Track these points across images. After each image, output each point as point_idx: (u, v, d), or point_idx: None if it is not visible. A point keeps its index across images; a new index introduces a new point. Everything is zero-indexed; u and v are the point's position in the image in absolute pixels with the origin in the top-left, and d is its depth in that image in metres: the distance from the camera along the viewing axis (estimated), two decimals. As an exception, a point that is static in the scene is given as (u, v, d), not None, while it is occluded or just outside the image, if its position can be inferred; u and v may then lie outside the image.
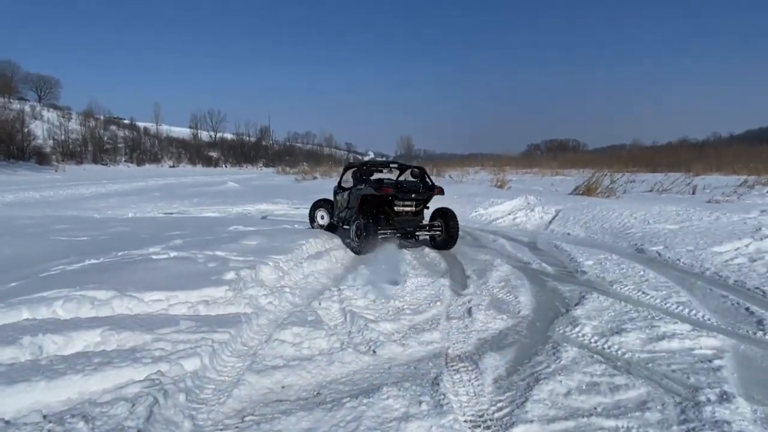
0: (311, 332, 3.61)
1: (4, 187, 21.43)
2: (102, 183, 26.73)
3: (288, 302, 4.41)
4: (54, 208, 13.01)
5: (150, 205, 14.33)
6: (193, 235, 7.57)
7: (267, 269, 5.13)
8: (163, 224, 9.69)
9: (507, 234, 8.78)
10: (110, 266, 4.95)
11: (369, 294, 4.65)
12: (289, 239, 6.89)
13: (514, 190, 14.90)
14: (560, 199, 11.54)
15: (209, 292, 4.18)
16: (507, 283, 5.06)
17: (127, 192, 20.59)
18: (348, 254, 6.82)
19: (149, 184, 27.95)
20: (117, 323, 3.43)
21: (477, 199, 13.01)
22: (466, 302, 4.45)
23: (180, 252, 5.75)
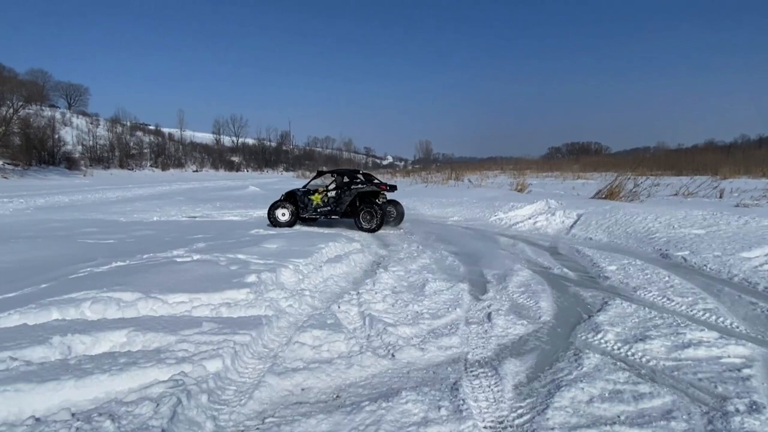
0: (330, 335, 3.63)
1: (36, 192, 22.18)
2: (128, 187, 27.41)
3: (307, 305, 4.46)
4: (82, 212, 13.39)
5: (174, 208, 14.62)
6: (216, 238, 7.71)
7: (287, 272, 5.19)
8: (187, 228, 9.88)
9: (527, 238, 8.68)
10: (136, 269, 5.08)
11: (388, 298, 4.66)
12: (308, 243, 6.95)
13: (535, 194, 14.72)
14: (582, 202, 11.35)
15: (231, 295, 4.25)
16: (527, 288, 5.00)
17: (152, 196, 21.06)
18: (366, 258, 6.84)
19: (173, 188, 28.53)
20: (142, 324, 3.51)
21: (496, 203, 12.90)
22: (486, 307, 4.42)
23: (203, 255, 5.87)
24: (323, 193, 10.72)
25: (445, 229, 10.16)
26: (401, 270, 5.92)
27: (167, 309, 3.93)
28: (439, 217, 12.68)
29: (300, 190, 10.92)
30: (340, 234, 8.51)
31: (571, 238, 8.67)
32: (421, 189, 20.92)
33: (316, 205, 10.73)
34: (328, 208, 10.67)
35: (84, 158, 55.52)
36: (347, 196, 10.51)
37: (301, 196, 10.81)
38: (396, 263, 6.31)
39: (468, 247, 7.80)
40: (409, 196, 17.59)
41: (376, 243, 8.48)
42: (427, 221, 11.75)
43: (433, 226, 10.82)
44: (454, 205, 14.01)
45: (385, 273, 5.62)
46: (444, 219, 12.09)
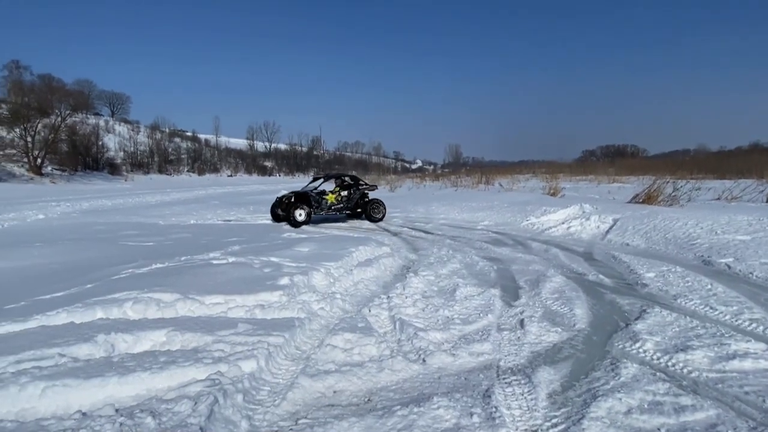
0: (361, 339, 3.65)
1: (81, 196, 23.24)
2: (166, 192, 28.35)
3: (339, 308, 4.50)
4: (123, 215, 13.93)
5: (210, 212, 15.02)
6: (250, 241, 7.87)
7: (319, 275, 5.25)
8: (222, 231, 10.13)
9: (561, 244, 8.50)
10: (174, 270, 5.24)
11: (418, 302, 4.65)
12: (339, 246, 7.02)
13: (568, 198, 14.39)
14: (618, 207, 11.03)
15: (265, 297, 4.34)
16: (561, 295, 4.90)
17: (189, 200, 21.69)
18: (396, 262, 6.85)
19: (209, 192, 29.32)
20: (181, 324, 3.62)
21: (528, 207, 12.69)
22: (518, 313, 4.36)
23: (237, 257, 6.01)
24: (337, 193, 12.69)
25: (475, 234, 10.06)
26: (431, 274, 5.90)
27: (204, 310, 4.04)
28: (470, 221, 12.57)
29: (313, 193, 12.43)
30: (369, 238, 8.54)
31: (607, 243, 8.44)
32: (451, 193, 20.78)
33: (330, 203, 12.53)
34: (341, 205, 12.68)
35: (125, 164, 57.87)
36: (356, 195, 12.93)
37: (315, 196, 12.30)
38: (426, 268, 6.30)
39: (499, 252, 7.71)
40: (438, 200, 17.52)
41: (406, 247, 8.47)
42: (457, 226, 11.67)
43: (463, 230, 10.73)
44: (485, 210, 13.86)
45: (416, 277, 5.61)
46: (474, 224, 11.98)
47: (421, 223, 12.43)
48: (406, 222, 12.88)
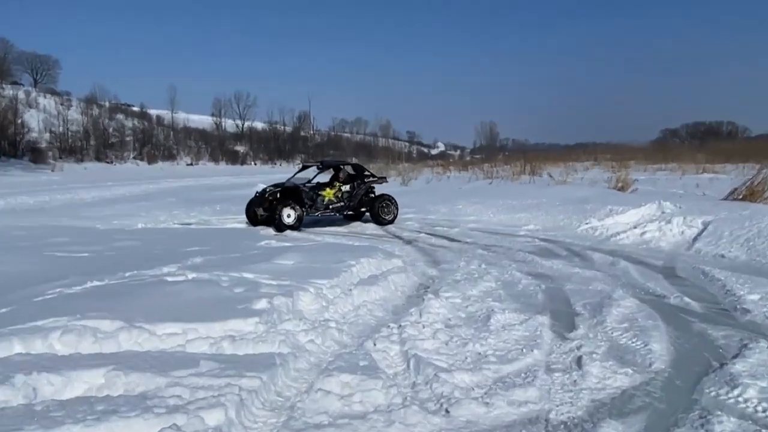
0: (364, 382, 3.65)
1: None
2: (106, 185, 28.62)
3: (334, 341, 4.50)
4: (50, 217, 14.08)
5: (164, 213, 15.13)
6: (216, 251, 7.90)
7: (307, 297, 5.26)
8: (180, 237, 10.17)
9: (632, 255, 8.44)
10: (116, 290, 5.27)
11: (440, 334, 4.64)
12: (334, 258, 7.03)
13: (642, 194, 14.29)
14: (709, 206, 10.94)
15: (236, 325, 4.35)
16: (632, 324, 4.87)
17: (137, 197, 21.88)
18: (411, 279, 6.85)
19: (162, 186, 29.55)
20: (124, 362, 3.65)
21: (588, 206, 12.62)
22: (575, 349, 4.34)
23: (200, 273, 6.03)
24: (336, 188, 12.87)
25: (516, 242, 10.04)
26: (457, 296, 5.89)
27: (155, 342, 4.06)
28: (509, 225, 12.53)
29: (305, 187, 12.58)
30: (375, 247, 8.55)
31: (695, 254, 8.39)
32: (483, 187, 20.74)
33: (328, 201, 12.76)
34: (342, 204, 12.96)
35: (52, 148, 58.51)
36: (360, 190, 13.18)
37: (308, 192, 12.49)
38: (450, 287, 6.29)
39: (548, 267, 7.67)
40: (466, 196, 17.51)
41: (424, 259, 8.47)
42: (491, 231, 11.64)
43: (499, 237, 10.70)
44: (529, 209, 13.81)
45: (436, 300, 5.60)
46: (515, 228, 11.95)
47: (443, 227, 12.42)
48: (423, 225, 12.87)
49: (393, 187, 20.79)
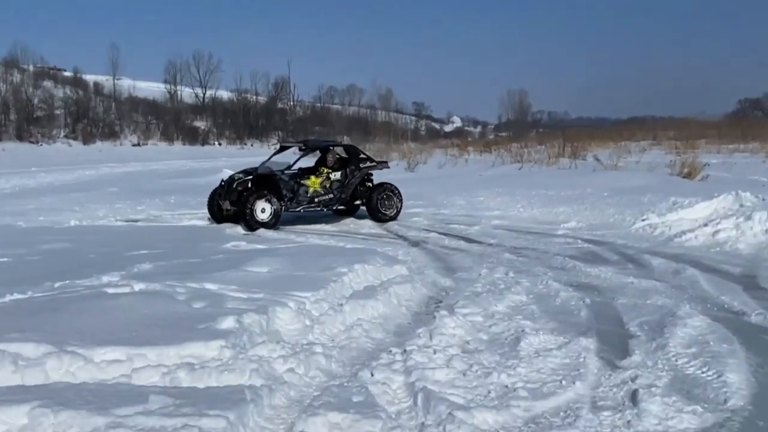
0: (358, 423, 3.63)
1: None
2: (30, 171, 28.60)
3: (320, 370, 4.46)
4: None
5: (103, 206, 15.07)
6: (170, 255, 7.88)
7: (286, 314, 5.23)
8: (124, 238, 10.15)
9: (701, 260, 8.42)
10: (43, 305, 5.23)
11: (455, 361, 4.61)
12: (321, 264, 7.00)
13: (715, 182, 14.29)
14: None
15: (195, 350, 4.32)
16: (702, 349, 4.84)
17: (69, 186, 21.83)
18: (418, 291, 6.82)
19: (102, 173, 29.52)
20: (53, 396, 3.62)
21: (645, 198, 12.60)
22: (628, 380, 4.31)
23: (149, 283, 6.00)
24: (324, 176, 12.88)
25: (553, 244, 10.03)
26: (478, 313, 5.85)
27: (93, 372, 4.03)
28: (543, 222, 12.50)
29: (283, 174, 12.59)
30: (372, 250, 8.52)
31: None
32: (511, 173, 20.74)
33: (313, 193, 12.78)
34: (331, 196, 12.97)
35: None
36: (354, 178, 13.18)
37: (288, 181, 12.51)
38: (468, 300, 6.25)
39: (594, 275, 7.66)
40: (489, 185, 17.48)
41: (435, 266, 8.45)
42: (521, 229, 11.61)
43: (532, 237, 10.69)
44: (569, 202, 13.78)
45: (451, 318, 5.56)
46: (551, 225, 11.91)
47: (459, 224, 12.40)
48: (434, 222, 12.84)
49: (396, 173, 20.73)
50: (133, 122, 79.76)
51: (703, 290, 6.79)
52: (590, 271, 7.85)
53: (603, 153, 23.78)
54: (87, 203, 15.67)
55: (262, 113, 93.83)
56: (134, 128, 78.84)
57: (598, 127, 48.67)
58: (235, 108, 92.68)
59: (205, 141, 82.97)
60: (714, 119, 41.65)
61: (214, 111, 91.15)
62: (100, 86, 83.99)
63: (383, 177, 14.24)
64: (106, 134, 73.20)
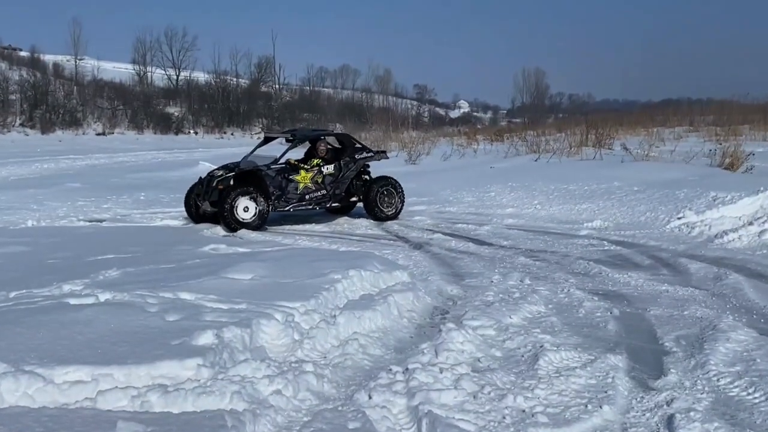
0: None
1: None
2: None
3: (311, 392, 4.44)
4: None
5: (64, 204, 15.03)
6: (140, 261, 7.87)
7: (272, 328, 5.21)
8: (88, 241, 10.13)
9: (746, 264, 8.42)
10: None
11: (464, 381, 4.59)
12: (311, 270, 6.97)
13: (760, 175, 14.28)
14: None
15: (168, 370, 4.29)
16: (748, 367, 4.84)
17: (25, 181, 21.74)
18: (421, 301, 6.81)
19: (62, 166, 29.41)
20: (8, 423, 3.59)
21: (681, 192, 12.60)
22: (663, 404, 4.29)
23: (117, 293, 5.97)
24: (315, 170, 12.89)
25: (575, 246, 10.04)
26: (490, 326, 5.84)
27: (53, 394, 4.00)
28: (564, 221, 12.51)
29: (269, 169, 12.58)
30: (369, 254, 8.51)
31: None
32: (527, 165, 20.71)
33: (303, 189, 12.79)
34: (323, 192, 12.98)
35: None
36: (349, 171, 13.19)
37: (274, 177, 12.50)
38: (479, 312, 6.24)
39: (623, 283, 7.66)
40: (501, 179, 17.46)
41: (440, 271, 8.43)
42: (538, 229, 11.63)
43: (551, 239, 10.71)
44: (594, 198, 13.80)
45: (459, 331, 5.54)
46: (573, 225, 11.92)
47: (468, 223, 12.42)
48: (438, 221, 12.84)
49: (395, 165, 20.77)
50: (97, 108, 79.50)
51: (748, 299, 6.78)
52: (618, 278, 7.85)
53: (632, 141, 23.67)
54: (46, 201, 15.63)
55: (243, 98, 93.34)
56: (99, 115, 78.62)
57: (627, 112, 48.43)
58: (213, 92, 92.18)
59: (180, 129, 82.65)
60: (760, 102, 41.32)
61: (190, 95, 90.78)
62: (60, 68, 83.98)
63: (380, 170, 14.23)
64: (67, 122, 73.03)
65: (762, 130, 27.15)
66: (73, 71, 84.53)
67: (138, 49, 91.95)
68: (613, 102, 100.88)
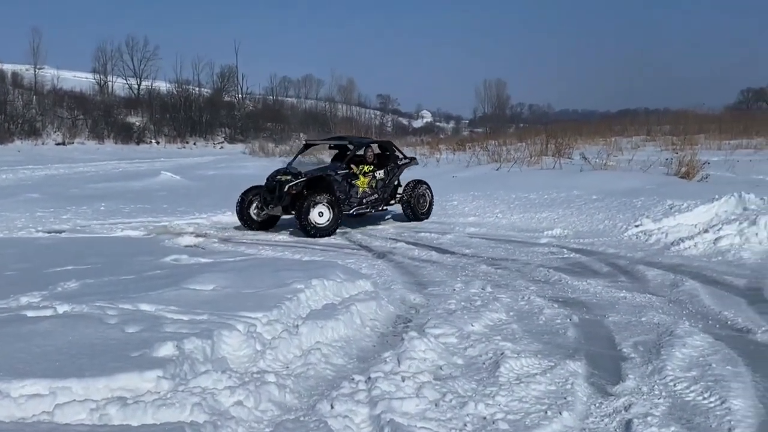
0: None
1: None
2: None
3: (273, 403, 4.42)
4: None
5: (22, 215, 14.79)
6: (100, 272, 7.77)
7: (234, 338, 5.18)
8: (46, 252, 10.00)
9: (702, 271, 8.53)
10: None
11: (426, 389, 4.60)
12: (274, 280, 6.94)
13: (716, 183, 14.50)
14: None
15: (128, 382, 4.25)
16: (704, 372, 4.90)
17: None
18: (384, 309, 6.80)
19: (21, 176, 28.97)
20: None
21: (638, 201, 12.76)
22: (621, 409, 4.33)
23: (75, 305, 5.89)
24: (370, 176, 13.76)
25: (536, 254, 10.11)
26: (452, 334, 5.85)
27: (10, 408, 3.94)
28: (525, 229, 12.59)
29: (336, 174, 13.27)
30: (332, 263, 8.48)
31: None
32: (489, 175, 20.83)
33: (362, 193, 13.66)
34: (376, 196, 13.91)
35: None
36: (395, 176, 14.40)
37: (341, 182, 13.21)
38: (442, 320, 6.24)
39: (582, 290, 7.72)
40: (463, 188, 17.55)
41: (403, 280, 8.44)
42: (500, 237, 11.69)
43: (512, 247, 10.77)
44: (554, 207, 13.93)
45: (421, 339, 5.54)
46: (534, 233, 12.00)
47: (430, 232, 12.44)
48: (402, 230, 12.86)
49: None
50: (57, 118, 78.38)
51: (703, 305, 6.87)
52: (578, 285, 7.91)
53: (591, 150, 23.96)
54: (3, 212, 15.36)
55: (206, 107, 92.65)
56: (58, 125, 77.56)
57: (585, 122, 48.88)
58: (174, 101, 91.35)
59: (141, 139, 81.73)
60: (714, 112, 42.08)
61: (151, 105, 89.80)
62: (19, 77, 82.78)
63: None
64: (26, 132, 71.94)
65: (717, 140, 27.65)
66: (33, 80, 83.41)
67: (99, 59, 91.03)
68: (572, 112, 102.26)
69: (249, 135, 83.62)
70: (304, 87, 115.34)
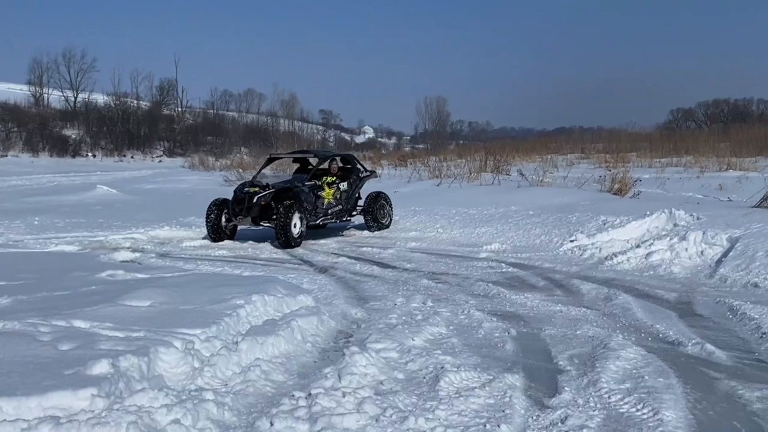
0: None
1: None
2: None
3: (211, 420, 4.37)
4: None
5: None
6: (32, 288, 7.60)
7: (171, 356, 5.11)
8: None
9: (634, 285, 8.71)
10: None
11: (367, 405, 4.58)
12: (212, 296, 6.88)
13: (647, 200, 14.81)
14: (738, 216, 11.42)
15: (61, 400, 4.16)
16: (637, 384, 4.98)
17: None
18: (325, 325, 6.78)
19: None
20: None
21: (574, 216, 12.97)
22: (558, 421, 4.37)
23: (7, 322, 5.75)
24: (335, 187, 14.29)
25: (475, 268, 10.19)
26: (393, 348, 5.85)
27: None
28: (464, 244, 12.70)
29: (303, 185, 13.62)
30: (273, 278, 8.44)
31: (719, 283, 8.71)
32: (429, 190, 21.00)
33: (327, 204, 14.13)
34: (340, 207, 14.49)
35: None
36: (358, 188, 15.16)
37: (308, 193, 13.59)
38: (382, 334, 6.26)
39: (520, 303, 7.80)
40: (405, 203, 17.63)
41: (345, 295, 8.43)
42: (440, 252, 11.77)
43: (452, 261, 10.85)
44: (493, 222, 14.10)
45: (362, 354, 5.53)
46: (473, 248, 12.11)
47: (372, 247, 12.50)
48: (343, 245, 12.87)
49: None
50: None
51: (636, 318, 7.01)
52: (515, 299, 8.00)
53: (528, 167, 24.31)
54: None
55: (144, 120, 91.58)
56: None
57: (523, 139, 49.79)
58: (112, 114, 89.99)
59: (77, 152, 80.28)
60: (645, 131, 43.16)
61: (88, 118, 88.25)
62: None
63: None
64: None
65: (648, 158, 28.29)
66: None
67: (34, 70, 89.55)
68: (510, 130, 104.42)
69: (189, 149, 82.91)
70: (246, 101, 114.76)
